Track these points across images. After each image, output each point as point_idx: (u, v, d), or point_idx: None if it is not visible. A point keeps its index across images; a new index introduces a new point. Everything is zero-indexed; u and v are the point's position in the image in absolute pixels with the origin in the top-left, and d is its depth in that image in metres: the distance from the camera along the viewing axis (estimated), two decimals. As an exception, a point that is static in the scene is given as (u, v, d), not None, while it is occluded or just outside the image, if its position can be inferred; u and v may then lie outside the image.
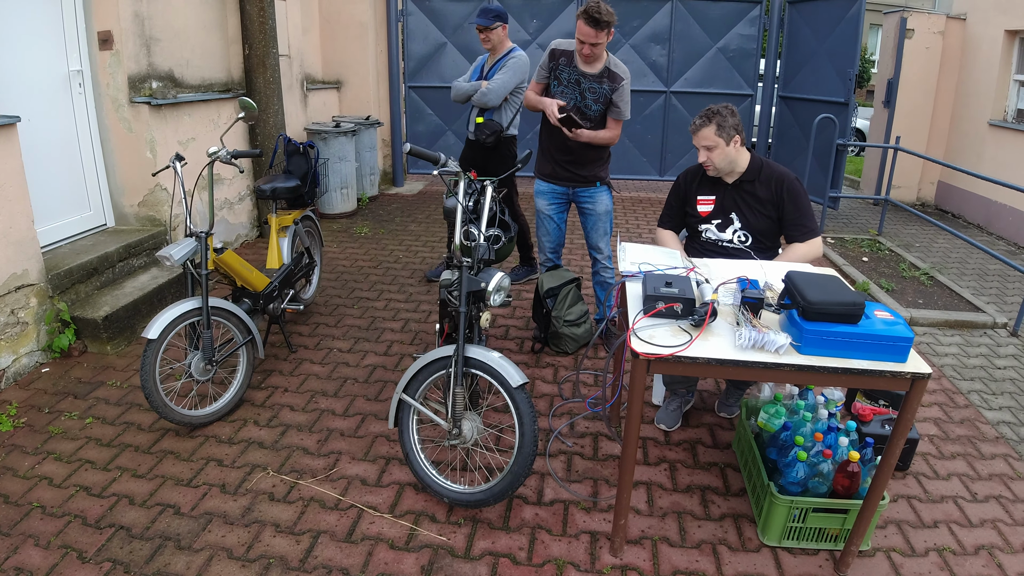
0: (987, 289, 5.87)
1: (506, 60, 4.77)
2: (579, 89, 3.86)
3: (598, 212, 4.15)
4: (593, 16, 3.53)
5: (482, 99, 4.75)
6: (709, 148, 3.11)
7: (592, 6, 3.53)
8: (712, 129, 3.07)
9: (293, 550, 2.60)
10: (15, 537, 2.62)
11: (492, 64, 4.84)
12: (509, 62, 4.76)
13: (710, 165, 3.16)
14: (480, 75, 4.90)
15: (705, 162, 3.16)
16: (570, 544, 2.67)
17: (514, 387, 2.64)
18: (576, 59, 3.80)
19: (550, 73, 3.90)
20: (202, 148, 5.45)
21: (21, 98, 4.07)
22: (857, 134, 12.36)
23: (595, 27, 3.56)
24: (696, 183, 3.33)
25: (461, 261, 2.83)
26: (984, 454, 3.39)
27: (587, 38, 3.62)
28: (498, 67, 4.78)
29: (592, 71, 3.82)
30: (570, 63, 3.83)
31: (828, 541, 2.67)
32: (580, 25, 3.61)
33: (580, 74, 3.83)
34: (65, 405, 3.56)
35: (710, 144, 3.10)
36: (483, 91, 4.74)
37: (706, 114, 3.10)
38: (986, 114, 8.00)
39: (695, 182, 3.33)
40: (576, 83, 3.85)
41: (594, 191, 4.10)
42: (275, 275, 4.07)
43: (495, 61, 4.83)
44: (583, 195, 4.12)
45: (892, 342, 2.16)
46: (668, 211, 3.47)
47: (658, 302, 2.38)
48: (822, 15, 7.73)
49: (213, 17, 5.69)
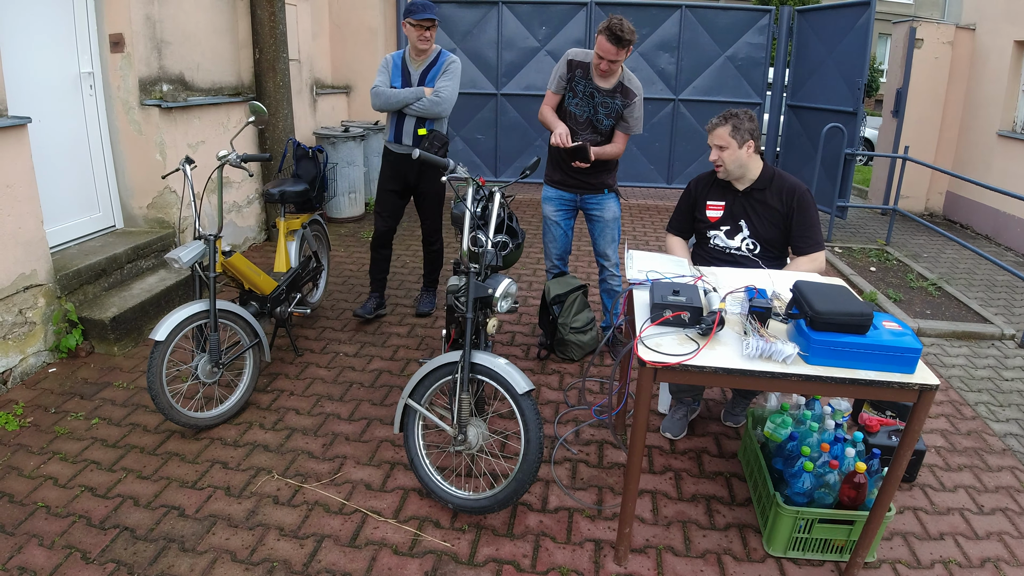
0: (995, 300, 5.84)
1: (446, 64, 4.31)
2: (592, 103, 3.84)
3: (606, 219, 4.14)
4: (616, 34, 3.51)
5: (434, 108, 4.23)
6: (721, 147, 3.14)
7: (615, 23, 3.51)
8: (727, 129, 3.10)
9: (297, 554, 2.60)
10: (19, 536, 2.63)
11: (423, 67, 4.28)
12: (451, 67, 4.31)
13: (720, 165, 3.18)
14: (405, 79, 4.28)
15: (716, 161, 3.18)
16: (574, 552, 2.67)
17: (520, 394, 2.64)
18: (592, 72, 3.79)
19: (567, 84, 3.86)
20: (211, 151, 5.47)
21: (32, 99, 4.10)
22: (865, 143, 12.34)
23: (617, 45, 3.54)
24: (707, 188, 3.34)
25: (468, 267, 2.83)
26: (991, 466, 3.37)
27: (607, 55, 3.60)
28: (437, 71, 4.28)
29: (607, 86, 3.80)
30: (586, 76, 3.80)
31: (834, 552, 2.66)
32: (601, 41, 3.57)
33: (595, 88, 3.80)
34: (71, 406, 3.58)
35: (723, 143, 3.13)
36: (434, 100, 4.21)
37: (725, 114, 3.15)
38: (995, 124, 7.97)
39: (706, 187, 3.35)
40: (590, 96, 3.83)
41: (602, 198, 4.09)
42: (282, 279, 4.08)
43: (426, 64, 4.29)
44: (591, 202, 4.11)
45: (900, 353, 2.15)
46: (678, 215, 3.49)
47: (665, 310, 2.38)
48: (831, 24, 7.73)
49: (224, 21, 5.72)
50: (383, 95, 4.22)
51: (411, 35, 4.18)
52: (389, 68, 4.28)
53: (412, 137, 4.30)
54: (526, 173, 3.33)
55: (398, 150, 4.37)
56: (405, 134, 4.31)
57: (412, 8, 4.12)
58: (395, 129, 4.35)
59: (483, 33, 8.54)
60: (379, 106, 4.26)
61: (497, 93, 8.70)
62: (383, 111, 4.33)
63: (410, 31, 4.17)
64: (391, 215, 4.56)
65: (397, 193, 4.51)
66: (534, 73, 8.61)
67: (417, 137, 4.27)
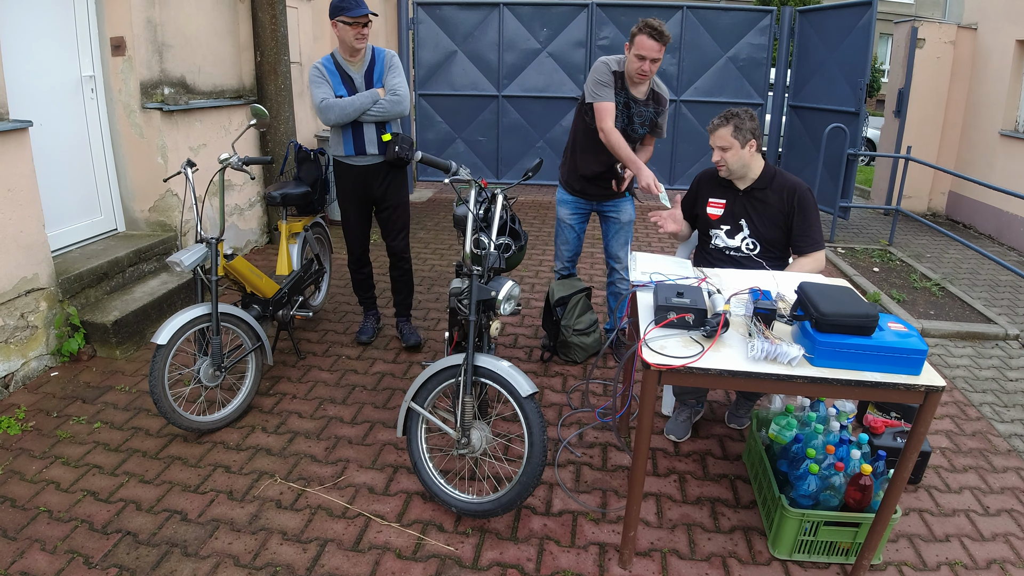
0: (999, 300, 5.82)
1: (389, 60, 3.92)
2: (628, 113, 3.79)
3: (622, 221, 4.12)
4: (659, 30, 3.50)
5: (396, 108, 3.85)
6: (724, 148, 3.13)
7: (653, 21, 3.51)
8: (729, 130, 3.09)
9: (300, 558, 2.59)
10: (21, 541, 2.62)
11: (363, 68, 3.86)
12: (395, 62, 3.93)
13: (723, 165, 3.17)
14: (348, 86, 3.83)
15: (719, 162, 3.18)
16: (579, 555, 2.65)
17: (523, 396, 2.63)
18: (626, 82, 3.74)
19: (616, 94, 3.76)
20: (213, 154, 5.47)
21: (34, 103, 4.09)
22: (867, 144, 12.32)
23: (659, 40, 3.52)
24: (710, 185, 3.34)
25: (472, 269, 2.82)
26: (996, 467, 3.35)
27: (650, 52, 3.55)
28: (381, 70, 3.89)
29: (640, 95, 3.79)
30: (623, 86, 3.75)
31: (839, 555, 2.64)
32: (643, 40, 3.53)
33: (631, 98, 3.77)
34: (73, 409, 3.57)
35: (725, 144, 3.12)
36: (393, 99, 3.84)
37: (725, 115, 3.13)
38: (997, 124, 7.96)
39: (709, 184, 3.35)
40: (626, 107, 3.78)
41: (620, 201, 4.08)
42: (285, 282, 4.07)
43: (366, 65, 3.87)
44: (608, 204, 4.10)
45: (906, 354, 2.14)
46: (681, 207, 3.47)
47: (670, 312, 2.36)
48: (833, 24, 7.72)
49: (225, 24, 5.72)
50: (336, 107, 3.75)
51: (346, 35, 3.70)
52: (327, 77, 3.81)
53: (377, 144, 3.92)
54: (529, 175, 3.32)
55: (362, 162, 3.95)
56: (368, 143, 3.90)
57: (343, 5, 3.64)
58: (354, 140, 3.89)
59: (484, 35, 8.54)
60: (334, 120, 3.79)
61: (498, 95, 8.69)
62: (338, 124, 3.85)
63: (344, 31, 3.69)
64: (363, 234, 4.23)
65: (363, 210, 4.16)
66: (535, 75, 8.62)
67: (382, 143, 3.92)
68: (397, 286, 4.42)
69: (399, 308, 4.50)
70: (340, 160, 4.00)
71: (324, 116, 3.79)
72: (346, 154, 3.93)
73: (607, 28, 8.41)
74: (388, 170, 4.01)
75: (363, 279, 4.42)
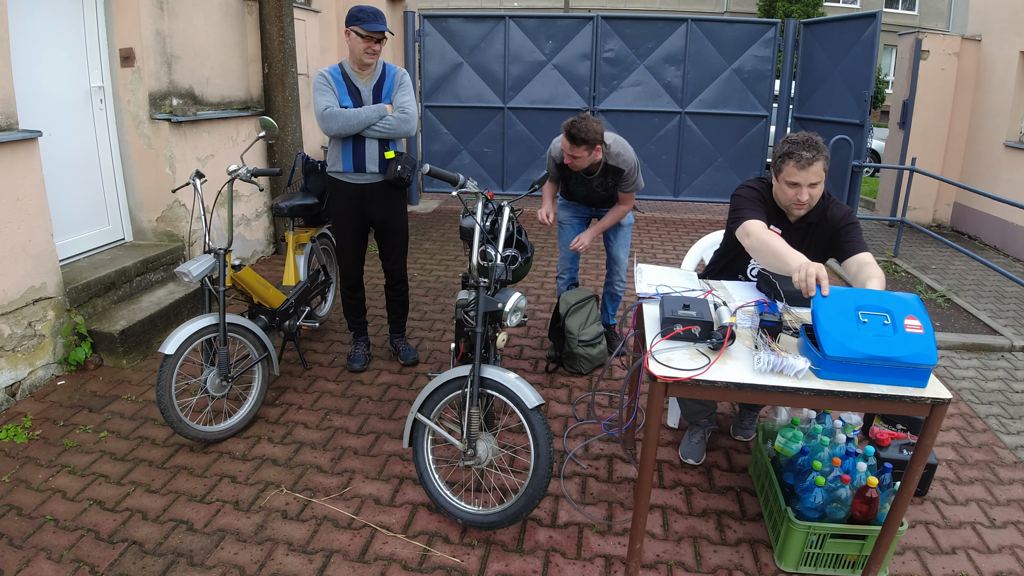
0: (1004, 312, 5.81)
1: (399, 78, 3.77)
2: (589, 185, 4.00)
3: (622, 224, 4.25)
4: (571, 132, 3.61)
5: (403, 127, 3.71)
6: (814, 184, 2.66)
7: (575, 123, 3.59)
8: (823, 164, 2.65)
9: (305, 569, 2.59)
10: (27, 550, 2.63)
11: (372, 82, 3.70)
12: (406, 80, 3.78)
13: (807, 205, 2.71)
14: (355, 97, 3.68)
15: (807, 202, 2.69)
16: (584, 568, 2.65)
17: (530, 408, 2.63)
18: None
19: (561, 174, 4.05)
20: (221, 165, 5.51)
21: (43, 113, 4.13)
22: (872, 155, 12.33)
23: (572, 143, 3.64)
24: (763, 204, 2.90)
25: (478, 281, 2.83)
26: (1002, 479, 3.34)
27: (566, 151, 3.71)
28: (390, 87, 3.74)
29: (590, 173, 3.92)
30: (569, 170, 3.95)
31: (846, 567, 2.63)
32: (563, 138, 3.70)
33: (583, 173, 3.93)
34: (80, 418, 3.58)
35: (817, 180, 2.65)
36: (401, 117, 3.69)
37: (812, 144, 2.65)
38: (1001, 135, 7.97)
39: (763, 202, 2.90)
40: (584, 180, 3.99)
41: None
42: (291, 292, 4.09)
43: (375, 79, 3.71)
44: (607, 209, 4.21)
45: (912, 367, 2.14)
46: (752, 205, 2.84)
47: (676, 325, 2.37)
48: (837, 36, 7.75)
49: (233, 36, 5.76)
50: (341, 117, 3.58)
51: (356, 47, 3.56)
52: (333, 86, 3.64)
53: (379, 162, 3.74)
54: (535, 187, 3.34)
55: (360, 180, 3.78)
56: (369, 160, 3.72)
57: (360, 16, 3.49)
58: (353, 156, 3.72)
59: (490, 47, 8.59)
60: (337, 130, 3.61)
61: (504, 107, 8.73)
62: (340, 135, 3.67)
63: (356, 42, 3.54)
64: (358, 256, 4.08)
65: (359, 233, 3.99)
66: (541, 87, 8.66)
67: (384, 161, 3.75)
68: (393, 305, 4.32)
69: (394, 325, 4.40)
70: (336, 176, 3.83)
71: (326, 125, 3.62)
72: (344, 170, 3.78)
73: (612, 40, 8.44)
74: (387, 191, 3.84)
75: (356, 304, 4.22)
